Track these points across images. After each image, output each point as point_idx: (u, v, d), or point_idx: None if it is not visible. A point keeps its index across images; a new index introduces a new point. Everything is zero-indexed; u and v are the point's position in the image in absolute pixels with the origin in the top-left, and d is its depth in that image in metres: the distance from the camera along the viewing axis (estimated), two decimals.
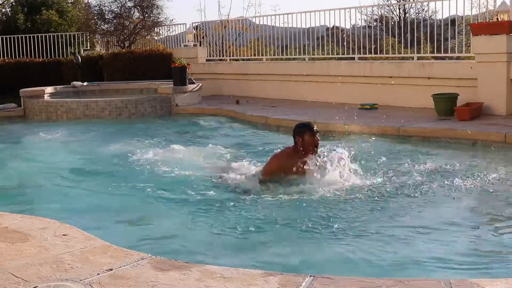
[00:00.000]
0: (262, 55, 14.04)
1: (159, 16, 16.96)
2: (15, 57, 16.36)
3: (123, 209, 4.94)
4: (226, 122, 10.32)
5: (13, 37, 16.77)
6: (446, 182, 5.50)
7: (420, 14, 21.49)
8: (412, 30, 12.31)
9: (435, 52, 10.70)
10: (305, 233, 4.13)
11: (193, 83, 12.34)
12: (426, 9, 22.16)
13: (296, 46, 13.79)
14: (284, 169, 5.28)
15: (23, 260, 3.01)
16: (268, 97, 12.69)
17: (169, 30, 17.50)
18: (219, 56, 15.55)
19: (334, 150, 5.60)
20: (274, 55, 14.16)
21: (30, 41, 16.69)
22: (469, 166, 6.43)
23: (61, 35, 17.11)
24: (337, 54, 13.42)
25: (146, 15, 16.88)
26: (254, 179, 5.48)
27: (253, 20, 16.72)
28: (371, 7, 21.46)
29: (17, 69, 14.99)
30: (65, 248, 3.18)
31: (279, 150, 5.85)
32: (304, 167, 5.21)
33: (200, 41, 15.66)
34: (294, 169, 5.22)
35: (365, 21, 21.50)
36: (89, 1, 19.78)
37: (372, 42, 13.20)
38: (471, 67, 9.16)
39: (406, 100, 10.15)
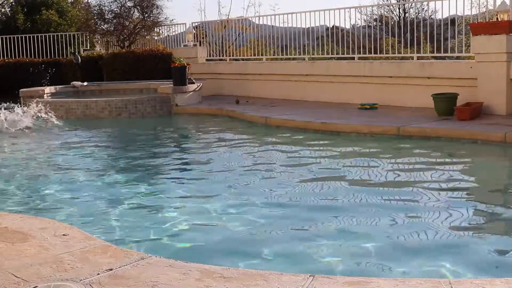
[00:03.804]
0: (262, 55, 14.04)
1: (159, 16, 16.95)
2: (15, 57, 16.35)
3: (123, 208, 4.94)
4: (226, 122, 10.33)
5: (13, 37, 16.76)
6: (446, 181, 5.51)
7: (420, 14, 21.54)
8: (412, 30, 12.31)
9: (435, 52, 10.70)
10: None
11: (193, 83, 12.34)
12: (426, 8, 22.22)
13: (296, 46, 13.79)
14: None
15: (23, 260, 3.01)
16: (268, 97, 12.69)
17: (169, 30, 17.51)
18: (219, 56, 15.55)
19: None
20: (274, 55, 14.15)
21: (30, 41, 16.68)
22: (470, 165, 6.43)
23: (61, 35, 17.11)
24: (337, 54, 13.42)
25: (146, 15, 16.87)
26: None
27: (253, 20, 16.71)
28: (370, 7, 21.45)
29: (17, 69, 14.98)
30: (65, 248, 3.18)
31: None
32: None
33: (200, 41, 15.66)
34: None
35: (365, 21, 21.56)
36: (89, 1, 19.78)
37: (372, 42, 13.20)
38: (471, 67, 9.16)
39: (406, 100, 10.15)
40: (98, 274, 2.79)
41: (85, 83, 13.50)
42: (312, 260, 3.62)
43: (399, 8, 24.93)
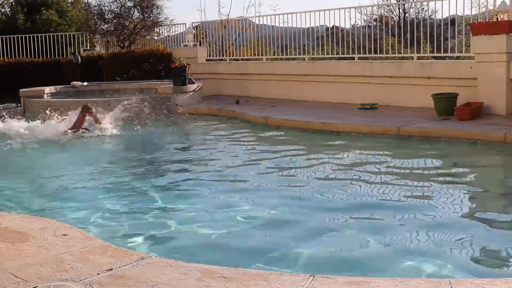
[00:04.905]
0: (262, 55, 14.04)
1: (159, 16, 16.97)
2: (15, 57, 16.34)
3: (123, 208, 4.94)
4: (226, 122, 10.33)
5: (13, 37, 16.76)
6: (446, 181, 5.51)
7: (420, 14, 21.54)
8: (412, 30, 12.31)
9: (435, 52, 10.70)
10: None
11: (193, 83, 12.34)
12: (426, 8, 22.22)
13: (296, 46, 13.79)
14: None
15: (23, 260, 3.01)
16: (268, 97, 12.69)
17: (169, 30, 17.51)
18: (219, 56, 15.54)
19: None
20: (274, 55, 14.15)
21: (30, 41, 16.67)
22: (469, 165, 6.43)
23: (61, 35, 17.10)
24: (337, 54, 13.42)
25: (146, 15, 16.87)
26: None
27: (253, 20, 16.72)
28: (370, 7, 21.45)
29: (17, 69, 14.97)
30: (65, 248, 3.18)
31: None
32: None
33: (200, 41, 15.65)
34: None
35: (364, 21, 21.56)
36: (89, 1, 19.78)
37: (372, 42, 13.21)
38: (471, 67, 9.15)
39: (406, 100, 10.15)
40: (98, 274, 2.79)
41: (85, 83, 13.49)
42: (312, 260, 3.62)
43: (399, 8, 24.93)
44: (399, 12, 24.99)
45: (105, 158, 7.57)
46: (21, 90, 12.54)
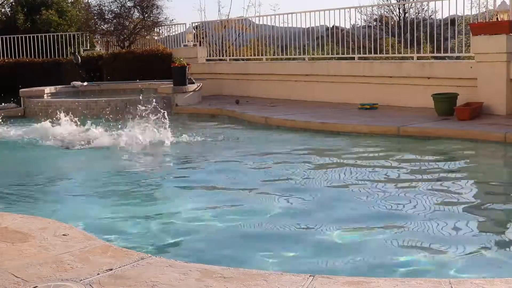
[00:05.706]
0: (262, 55, 14.03)
1: (159, 16, 16.96)
2: (15, 57, 16.33)
3: (123, 208, 4.94)
4: (226, 122, 10.33)
5: (13, 37, 16.74)
6: (445, 181, 5.51)
7: (420, 14, 21.53)
8: (412, 30, 12.31)
9: (435, 52, 10.70)
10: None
11: (193, 83, 12.35)
12: (426, 8, 22.22)
13: (296, 46, 13.79)
14: None
15: (23, 260, 3.01)
16: (268, 97, 12.68)
17: (169, 30, 17.51)
18: (219, 56, 15.55)
19: None
20: (274, 55, 14.15)
21: (30, 41, 16.66)
22: (469, 165, 6.44)
23: (61, 35, 17.09)
24: (337, 54, 13.42)
25: (146, 15, 16.87)
26: None
27: (253, 20, 16.71)
28: (370, 7, 21.45)
29: (17, 69, 14.96)
30: (65, 248, 3.18)
31: None
32: None
33: (200, 41, 15.65)
34: None
35: (365, 21, 21.55)
36: (89, 1, 19.77)
37: (372, 42, 13.21)
38: (471, 67, 9.15)
39: (406, 100, 10.15)
40: (98, 274, 2.79)
41: (85, 83, 13.49)
42: (312, 260, 3.62)
43: (399, 8, 24.93)
44: (399, 12, 25.00)
45: (107, 161, 7.57)
46: (21, 90, 12.54)
